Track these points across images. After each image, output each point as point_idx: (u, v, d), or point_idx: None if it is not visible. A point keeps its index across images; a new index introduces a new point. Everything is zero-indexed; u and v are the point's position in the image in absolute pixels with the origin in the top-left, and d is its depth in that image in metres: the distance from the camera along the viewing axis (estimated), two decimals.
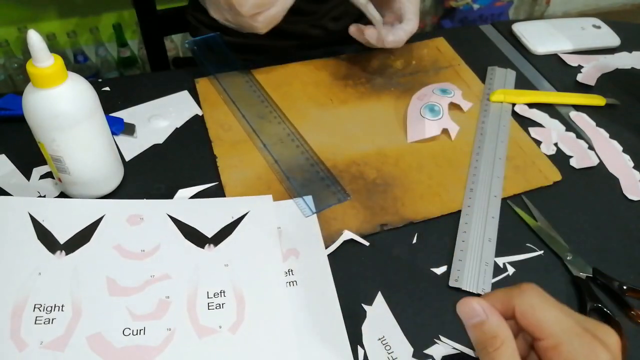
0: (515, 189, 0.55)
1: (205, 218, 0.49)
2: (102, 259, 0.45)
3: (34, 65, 0.42)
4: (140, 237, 0.47)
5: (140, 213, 0.48)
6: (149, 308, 0.42)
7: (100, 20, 1.60)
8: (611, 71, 0.71)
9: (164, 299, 0.43)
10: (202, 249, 0.46)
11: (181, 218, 0.48)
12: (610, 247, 0.51)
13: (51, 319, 0.40)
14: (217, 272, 0.45)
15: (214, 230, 0.48)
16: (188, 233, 0.47)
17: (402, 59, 0.70)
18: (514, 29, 0.77)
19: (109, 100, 0.60)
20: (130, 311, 0.42)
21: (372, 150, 0.58)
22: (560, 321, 0.30)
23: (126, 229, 0.47)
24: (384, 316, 0.44)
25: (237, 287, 0.44)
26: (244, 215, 0.49)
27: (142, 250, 0.46)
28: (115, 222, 0.47)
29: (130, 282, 0.44)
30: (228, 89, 0.63)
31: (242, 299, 0.43)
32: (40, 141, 0.46)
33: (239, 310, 0.42)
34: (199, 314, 0.42)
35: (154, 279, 0.44)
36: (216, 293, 0.43)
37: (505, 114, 0.63)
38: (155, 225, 0.48)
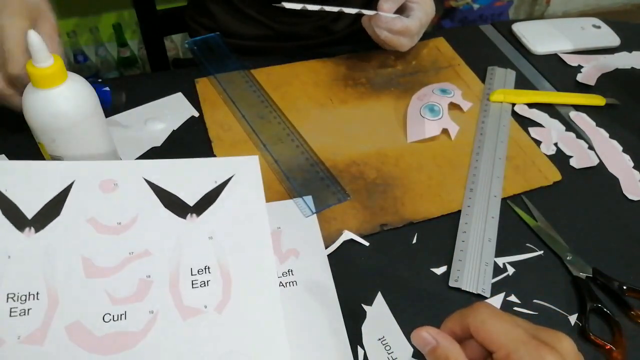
0: (515, 189, 0.55)
1: (185, 183, 0.45)
2: (75, 235, 0.41)
3: (34, 65, 0.42)
4: (116, 207, 0.43)
5: (114, 177, 0.44)
6: (130, 290, 0.40)
7: (100, 20, 1.60)
8: (611, 71, 0.71)
9: (145, 279, 0.40)
10: (184, 219, 0.43)
11: (159, 183, 0.44)
12: (610, 247, 0.50)
13: (27, 309, 0.38)
14: (200, 245, 0.42)
15: (196, 197, 0.44)
16: (167, 201, 0.44)
17: (402, 59, 0.70)
18: (514, 28, 0.77)
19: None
20: (109, 294, 0.39)
21: (372, 150, 0.58)
22: (508, 332, 0.31)
23: (99, 197, 0.43)
24: (384, 316, 0.44)
25: (223, 262, 0.42)
26: (228, 179, 0.45)
27: (119, 223, 0.42)
28: (86, 189, 0.43)
29: (108, 261, 0.40)
30: (228, 89, 0.63)
31: (228, 275, 0.41)
32: (40, 141, 0.46)
33: (225, 288, 0.40)
34: (183, 293, 0.40)
35: (133, 257, 0.41)
36: (200, 269, 0.41)
37: (505, 114, 0.63)
38: (131, 192, 0.43)
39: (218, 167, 0.46)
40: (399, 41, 0.63)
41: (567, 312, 0.45)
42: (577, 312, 0.45)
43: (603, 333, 0.44)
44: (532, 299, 0.46)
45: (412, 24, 0.62)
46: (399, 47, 0.64)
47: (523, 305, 0.45)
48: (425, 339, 0.33)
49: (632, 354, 0.43)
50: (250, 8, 0.76)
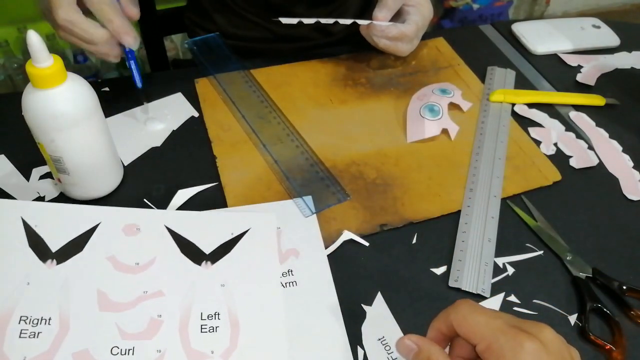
0: (515, 189, 0.55)
1: (204, 232, 0.47)
2: (94, 270, 0.43)
3: (34, 65, 0.42)
4: (136, 249, 0.45)
5: (137, 223, 0.47)
6: (140, 326, 0.40)
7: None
8: (611, 71, 0.71)
9: (156, 318, 0.41)
10: (199, 265, 0.45)
11: (179, 231, 0.47)
12: (610, 247, 0.50)
13: (37, 332, 0.39)
14: (212, 292, 0.43)
15: (212, 246, 0.46)
16: (185, 247, 0.46)
17: (401, 59, 0.70)
18: (513, 29, 0.77)
19: (109, 100, 0.60)
20: (120, 328, 0.40)
21: (372, 150, 0.58)
22: (487, 324, 0.32)
23: (121, 239, 0.45)
24: (384, 316, 0.44)
25: (232, 311, 0.42)
26: (244, 232, 0.47)
27: (137, 264, 0.44)
28: (110, 231, 0.46)
29: (122, 297, 0.42)
30: (228, 89, 0.63)
31: (236, 324, 0.41)
32: (40, 141, 0.46)
33: (233, 336, 0.41)
34: (191, 336, 0.40)
35: (146, 295, 0.42)
36: (210, 315, 0.42)
37: (504, 114, 0.63)
38: (151, 236, 0.46)
39: (236, 221, 0.48)
40: (397, 47, 0.63)
41: (567, 312, 0.45)
42: (577, 312, 0.45)
43: (603, 333, 0.44)
44: (532, 299, 0.46)
45: (408, 29, 0.62)
46: (399, 52, 0.64)
47: (523, 305, 0.45)
48: (408, 345, 0.35)
49: (632, 354, 0.43)
50: (250, 12, 0.76)
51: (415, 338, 0.35)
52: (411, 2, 0.63)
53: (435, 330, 0.36)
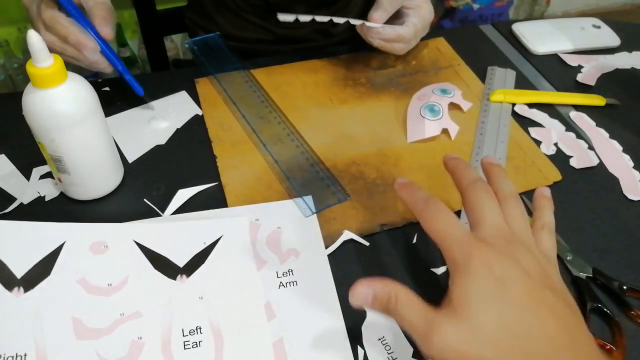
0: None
1: (175, 244, 0.45)
2: (65, 296, 0.41)
3: (34, 65, 0.42)
4: (106, 269, 0.43)
5: (105, 240, 0.45)
6: (121, 352, 0.39)
7: None
8: (611, 71, 0.71)
9: (137, 340, 0.40)
10: (174, 280, 0.43)
11: (149, 245, 0.45)
12: (610, 247, 0.50)
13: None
14: (191, 306, 0.42)
15: (186, 258, 0.45)
16: (158, 263, 0.44)
17: (402, 59, 0.70)
18: (513, 29, 0.77)
19: (109, 100, 0.60)
20: (100, 356, 0.38)
21: (372, 150, 0.58)
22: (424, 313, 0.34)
23: (90, 259, 0.43)
24: (384, 316, 0.44)
25: (214, 323, 0.41)
26: (217, 240, 0.46)
27: (109, 285, 0.42)
28: (77, 250, 0.44)
29: (99, 322, 0.40)
30: (228, 89, 0.63)
31: (219, 336, 0.41)
32: (40, 141, 0.46)
33: (217, 348, 0.40)
34: (175, 355, 0.39)
35: (124, 318, 0.41)
36: (192, 330, 0.41)
37: (505, 114, 0.63)
38: (121, 254, 0.44)
39: (207, 229, 0.47)
40: (393, 47, 0.63)
41: None
42: None
43: (603, 333, 0.44)
44: None
45: (405, 31, 0.62)
46: (395, 52, 0.64)
47: None
48: (362, 292, 0.34)
49: (632, 354, 0.43)
50: (251, 13, 0.76)
51: (367, 281, 0.35)
52: (411, 4, 0.63)
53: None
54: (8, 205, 0.50)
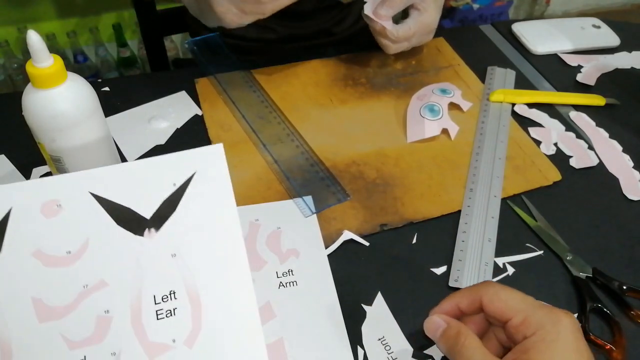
0: (515, 189, 0.55)
1: (139, 191, 0.38)
2: (21, 273, 0.35)
3: (34, 65, 0.42)
4: (62, 234, 0.36)
5: (56, 197, 0.37)
6: (87, 330, 0.35)
7: (100, 20, 1.60)
8: (611, 71, 0.71)
9: (103, 315, 0.35)
10: (141, 236, 0.37)
11: (109, 196, 0.37)
12: (610, 247, 0.50)
13: None
14: (163, 266, 0.36)
15: (153, 207, 0.37)
16: (120, 217, 0.37)
17: (402, 59, 0.70)
18: (513, 28, 0.77)
19: (109, 100, 0.60)
20: (65, 338, 0.34)
21: (372, 150, 0.58)
22: (522, 299, 0.35)
23: (42, 224, 0.36)
24: (384, 316, 0.44)
25: (190, 285, 0.36)
26: (189, 179, 0.38)
27: (68, 252, 0.36)
28: (27, 216, 0.37)
29: (60, 299, 0.35)
30: (228, 89, 0.63)
31: (197, 300, 0.36)
32: (40, 141, 0.46)
33: (195, 316, 0.36)
34: (147, 327, 0.35)
35: (87, 290, 0.35)
36: (165, 296, 0.36)
37: (505, 114, 0.63)
38: (77, 212, 0.37)
39: (175, 166, 0.39)
40: (380, 42, 0.63)
41: None
42: (577, 312, 0.45)
43: (603, 333, 0.44)
44: None
45: (394, 28, 0.61)
46: (383, 47, 0.64)
47: None
48: (436, 322, 0.36)
49: (632, 354, 0.43)
50: None
51: (444, 316, 0.36)
52: (419, 6, 0.62)
53: (454, 305, 0.37)
54: None
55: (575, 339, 0.32)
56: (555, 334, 0.32)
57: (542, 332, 0.32)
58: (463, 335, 0.34)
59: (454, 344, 0.35)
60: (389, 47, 0.63)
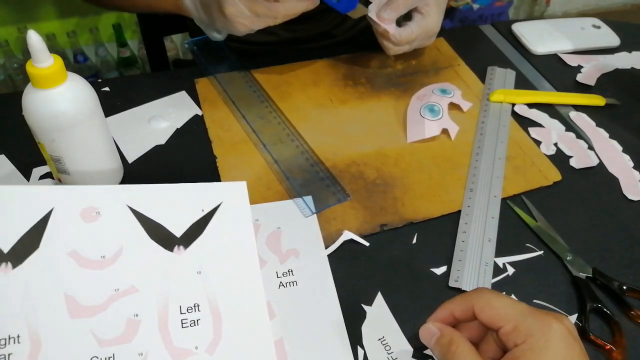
0: (515, 189, 0.55)
1: (171, 210, 0.42)
2: (57, 270, 0.38)
3: (34, 65, 0.42)
4: (99, 239, 0.40)
5: (96, 205, 0.41)
6: (117, 330, 0.37)
7: (100, 20, 1.60)
8: (611, 71, 0.71)
9: (133, 318, 0.38)
10: (171, 252, 0.41)
11: (144, 211, 0.42)
12: (610, 247, 0.50)
13: (6, 355, 0.35)
14: (189, 281, 0.40)
15: (183, 227, 0.42)
16: (153, 231, 0.41)
17: (402, 59, 0.70)
18: (513, 29, 0.77)
19: (109, 100, 0.60)
20: (95, 335, 0.37)
21: (372, 150, 0.58)
22: (513, 306, 0.34)
23: (81, 228, 0.40)
24: (384, 316, 0.44)
25: (212, 300, 0.40)
26: (216, 207, 0.43)
27: (103, 257, 0.39)
28: (66, 218, 0.40)
29: (93, 299, 0.38)
30: (228, 89, 0.63)
31: (218, 314, 0.39)
32: (40, 141, 0.46)
33: (216, 327, 0.39)
34: (173, 333, 0.38)
35: (119, 294, 0.38)
36: (190, 307, 0.39)
37: (505, 114, 0.63)
38: (114, 221, 0.41)
39: (205, 194, 0.44)
40: (381, 42, 0.63)
41: (567, 312, 0.45)
42: (577, 312, 0.45)
43: (603, 333, 0.44)
44: (532, 299, 0.46)
45: (397, 31, 0.61)
46: (384, 48, 0.64)
47: None
48: (431, 330, 0.37)
49: (632, 354, 0.43)
50: None
51: (438, 324, 0.37)
52: (422, 10, 0.62)
53: (448, 312, 0.37)
54: None
55: (565, 346, 0.32)
56: (544, 341, 0.32)
57: (531, 340, 0.32)
58: (455, 344, 0.35)
59: (446, 352, 0.35)
60: (390, 49, 0.63)
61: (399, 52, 0.64)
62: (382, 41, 0.63)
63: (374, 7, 0.60)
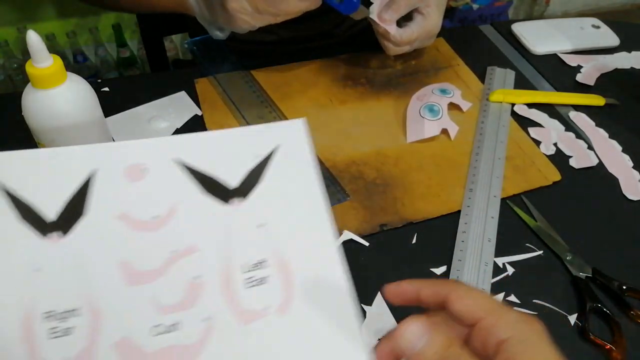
0: (515, 189, 0.55)
1: (224, 160, 0.38)
2: (108, 236, 0.35)
3: (33, 65, 0.42)
4: (148, 198, 0.36)
5: (141, 161, 0.37)
6: (179, 295, 0.34)
7: (100, 20, 1.60)
8: (610, 71, 0.71)
9: (194, 281, 0.35)
10: (228, 205, 0.37)
11: (194, 162, 0.38)
12: (610, 247, 0.50)
13: (68, 328, 0.33)
14: (251, 236, 0.36)
15: (238, 177, 0.38)
16: (207, 185, 0.37)
17: (401, 59, 0.70)
18: (513, 29, 0.77)
19: (109, 100, 0.60)
20: (156, 302, 0.34)
21: (372, 150, 0.58)
22: (493, 300, 0.32)
23: (127, 187, 0.36)
24: (384, 316, 0.44)
25: (279, 253, 0.36)
26: (272, 151, 0.39)
27: (155, 217, 0.36)
28: (111, 178, 0.36)
29: (149, 263, 0.35)
30: (228, 89, 0.63)
31: (287, 269, 0.36)
32: (40, 141, 0.46)
33: (286, 285, 0.35)
34: (238, 294, 0.35)
35: (177, 255, 0.35)
36: (255, 264, 0.36)
37: (504, 114, 0.63)
38: (163, 177, 0.37)
39: (259, 138, 0.39)
40: (381, 42, 0.63)
41: (567, 312, 0.45)
42: (577, 312, 0.45)
43: (603, 333, 0.44)
44: (532, 299, 0.46)
45: (398, 32, 0.61)
46: (384, 48, 0.64)
47: (523, 305, 0.45)
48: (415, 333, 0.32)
49: (632, 354, 0.43)
50: None
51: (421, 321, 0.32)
52: (423, 10, 0.62)
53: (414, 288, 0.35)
54: None
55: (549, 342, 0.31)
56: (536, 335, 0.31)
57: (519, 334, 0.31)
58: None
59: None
60: (390, 50, 0.64)
61: (399, 52, 0.64)
62: (383, 41, 0.63)
63: (374, 7, 0.60)
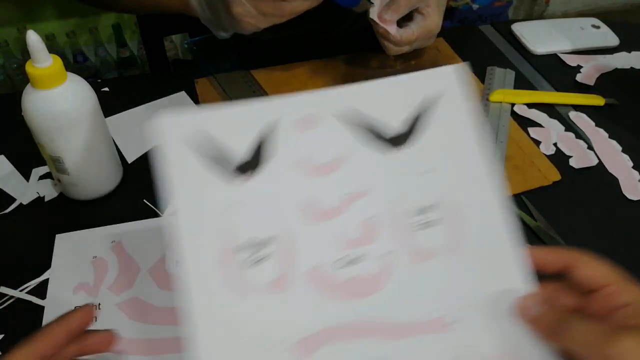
0: (515, 189, 0.55)
1: (386, 108, 0.40)
2: (290, 179, 0.38)
3: (33, 65, 0.42)
4: (317, 147, 0.39)
5: (309, 113, 0.40)
6: (357, 232, 0.37)
7: (100, 20, 1.60)
8: (610, 71, 0.71)
9: (369, 220, 0.37)
10: (393, 153, 0.39)
11: (355, 114, 0.40)
12: (610, 247, 0.50)
13: (265, 255, 0.36)
14: (418, 181, 0.38)
15: (400, 125, 0.39)
16: (370, 134, 0.39)
17: (401, 59, 0.70)
18: (513, 29, 0.77)
19: (109, 100, 0.60)
20: (339, 238, 0.37)
21: None
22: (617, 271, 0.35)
23: (300, 138, 0.39)
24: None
25: (449, 199, 0.38)
26: (432, 101, 0.40)
27: (325, 163, 0.39)
28: (287, 129, 0.39)
29: (328, 204, 0.37)
30: (227, 89, 0.63)
31: (458, 214, 0.37)
32: (40, 142, 0.46)
33: (456, 228, 0.37)
34: (411, 235, 0.37)
35: (350, 197, 0.38)
36: (424, 208, 0.37)
37: (504, 114, 0.63)
38: (329, 127, 0.39)
39: (419, 85, 0.41)
40: (381, 42, 0.63)
41: None
42: None
43: None
44: None
45: (398, 32, 0.61)
46: (384, 48, 0.64)
47: None
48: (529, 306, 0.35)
49: None
50: None
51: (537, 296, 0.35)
52: (423, 10, 0.62)
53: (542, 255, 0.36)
54: (7, 206, 0.50)
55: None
56: None
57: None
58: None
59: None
60: (390, 50, 0.63)
61: (400, 52, 0.64)
62: (383, 42, 0.63)
63: (375, 8, 0.60)
